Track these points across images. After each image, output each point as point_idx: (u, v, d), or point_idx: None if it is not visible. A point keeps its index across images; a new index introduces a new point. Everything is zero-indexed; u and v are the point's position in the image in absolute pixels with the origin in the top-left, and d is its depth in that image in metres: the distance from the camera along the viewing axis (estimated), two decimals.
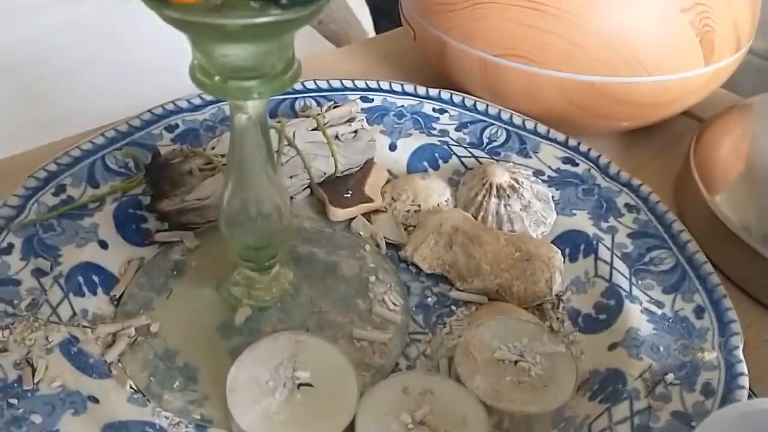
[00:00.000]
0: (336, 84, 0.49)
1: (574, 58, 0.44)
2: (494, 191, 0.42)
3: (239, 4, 0.25)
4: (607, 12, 0.43)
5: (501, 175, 0.42)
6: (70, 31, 0.74)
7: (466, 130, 0.48)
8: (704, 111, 0.53)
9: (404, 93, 0.49)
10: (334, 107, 0.45)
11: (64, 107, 0.66)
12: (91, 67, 0.67)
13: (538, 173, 0.45)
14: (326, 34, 0.87)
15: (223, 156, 0.40)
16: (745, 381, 0.32)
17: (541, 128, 0.47)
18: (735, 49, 0.46)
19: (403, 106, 0.49)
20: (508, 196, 0.42)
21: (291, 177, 0.41)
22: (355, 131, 0.44)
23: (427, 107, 0.49)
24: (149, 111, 0.45)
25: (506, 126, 0.47)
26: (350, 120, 0.44)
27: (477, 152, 0.46)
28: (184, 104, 0.46)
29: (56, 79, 0.68)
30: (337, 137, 0.43)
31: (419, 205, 0.43)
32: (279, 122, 0.42)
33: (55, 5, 0.77)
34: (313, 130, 0.43)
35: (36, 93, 0.68)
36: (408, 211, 0.43)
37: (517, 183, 0.42)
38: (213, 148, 0.41)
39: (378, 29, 1.34)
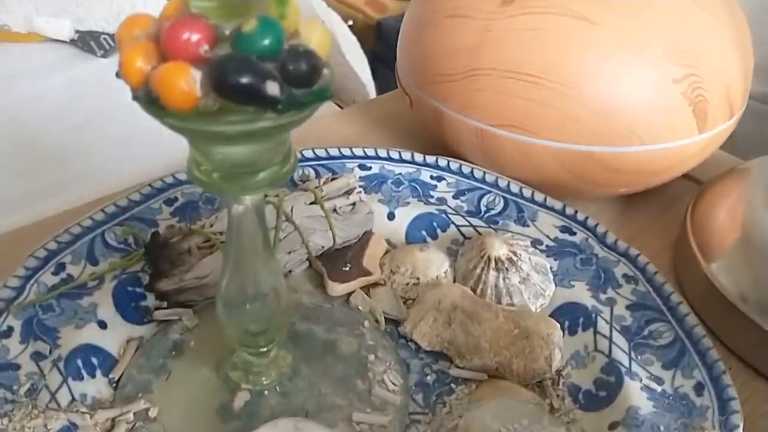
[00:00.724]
0: (334, 152, 0.50)
1: (569, 128, 0.45)
2: (492, 264, 0.42)
3: (235, 109, 0.25)
4: (601, 84, 0.43)
5: (499, 248, 0.42)
6: (74, 91, 0.75)
7: (463, 198, 0.48)
8: (703, 173, 0.53)
9: (402, 160, 0.50)
10: (332, 179, 0.45)
11: (69, 166, 0.67)
12: (95, 127, 0.68)
13: (536, 243, 0.45)
14: None
15: (221, 233, 0.41)
16: None
17: (539, 196, 0.47)
18: (728, 116, 0.47)
19: (401, 173, 0.49)
20: (507, 269, 0.42)
21: (289, 252, 0.42)
22: (353, 203, 0.44)
23: (425, 174, 0.49)
24: (149, 185, 0.46)
25: (504, 194, 0.48)
26: (348, 192, 0.44)
27: (475, 221, 0.47)
28: (183, 176, 0.47)
29: (62, 138, 0.69)
30: (335, 210, 0.43)
31: (418, 278, 0.43)
32: (277, 196, 0.43)
33: (59, 66, 0.78)
34: (311, 203, 0.43)
35: (42, 151, 0.68)
36: (407, 284, 0.43)
37: (515, 255, 0.42)
38: (211, 225, 0.41)
39: (376, 76, 1.35)
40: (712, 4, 0.47)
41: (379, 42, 1.49)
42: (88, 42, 0.80)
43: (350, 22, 1.67)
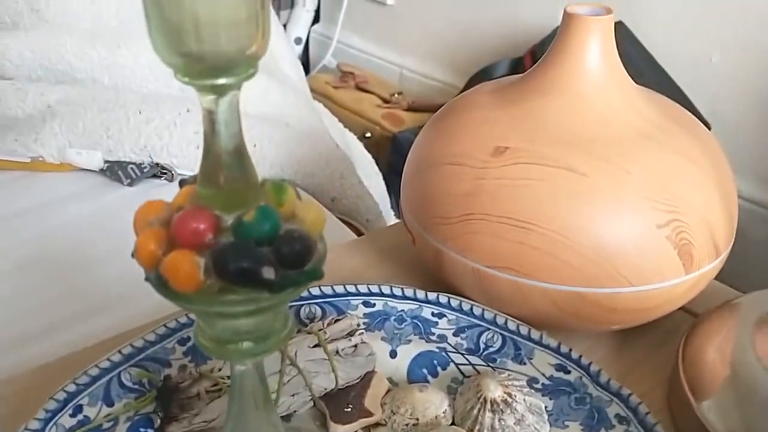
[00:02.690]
0: (340, 290, 0.52)
1: (560, 271, 0.47)
2: (488, 405, 0.44)
3: (236, 290, 0.28)
4: (590, 230, 0.46)
5: (494, 390, 0.44)
6: (101, 220, 0.79)
7: (463, 335, 0.50)
8: (698, 305, 0.55)
9: (404, 297, 0.52)
10: (335, 321, 0.47)
11: (92, 296, 0.70)
12: (119, 257, 0.72)
13: (532, 381, 0.46)
14: (340, 210, 0.92)
15: (228, 377, 0.43)
16: None
17: (535, 334, 0.49)
18: (714, 257, 0.49)
19: (403, 310, 0.52)
20: (502, 410, 0.43)
21: (293, 395, 0.44)
22: (355, 345, 0.46)
23: (427, 311, 0.52)
24: (164, 325, 0.49)
25: (502, 331, 0.50)
26: (350, 333, 0.47)
27: (474, 359, 0.49)
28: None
29: (86, 269, 0.73)
30: (337, 352, 0.46)
31: (417, 419, 0.44)
32: None
33: (87, 195, 0.83)
34: (314, 346, 0.45)
35: (67, 283, 0.72)
36: (407, 425, 0.44)
37: (511, 397, 0.44)
38: (219, 369, 0.44)
39: (391, 188, 1.40)
40: (694, 152, 0.50)
41: (395, 154, 1.54)
42: (116, 171, 0.85)
43: (368, 134, 1.74)
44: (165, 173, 0.86)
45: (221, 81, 0.26)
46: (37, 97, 0.88)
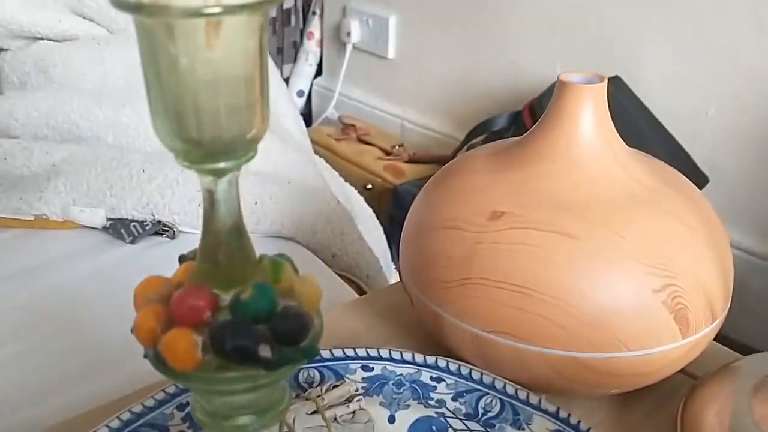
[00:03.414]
0: (339, 354, 0.53)
1: (558, 336, 0.47)
2: None
3: (233, 367, 0.28)
4: (586, 295, 0.47)
5: None
6: (103, 278, 0.80)
7: (462, 400, 0.50)
8: (698, 367, 0.55)
9: (403, 361, 0.52)
10: (333, 387, 0.48)
11: (92, 356, 0.70)
12: (121, 316, 0.72)
13: None
14: (341, 266, 0.92)
15: None
16: None
17: (533, 399, 0.49)
18: (710, 321, 0.49)
19: (402, 374, 0.52)
20: None
21: None
22: (353, 412, 0.47)
23: (425, 375, 0.52)
24: (163, 390, 0.49)
25: (500, 395, 0.50)
26: (348, 400, 0.47)
27: (472, 424, 0.49)
28: None
29: (87, 328, 0.73)
30: (335, 419, 0.46)
31: None
32: None
33: (90, 252, 0.84)
34: (312, 413, 0.45)
35: (67, 343, 0.72)
36: None
37: None
38: None
39: (392, 240, 1.41)
40: (688, 215, 0.50)
41: (396, 207, 1.56)
42: (118, 229, 0.86)
43: (369, 186, 1.75)
44: (167, 230, 0.87)
45: (221, 165, 0.27)
46: (43, 156, 0.90)
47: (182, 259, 0.32)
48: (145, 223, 0.86)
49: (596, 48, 1.56)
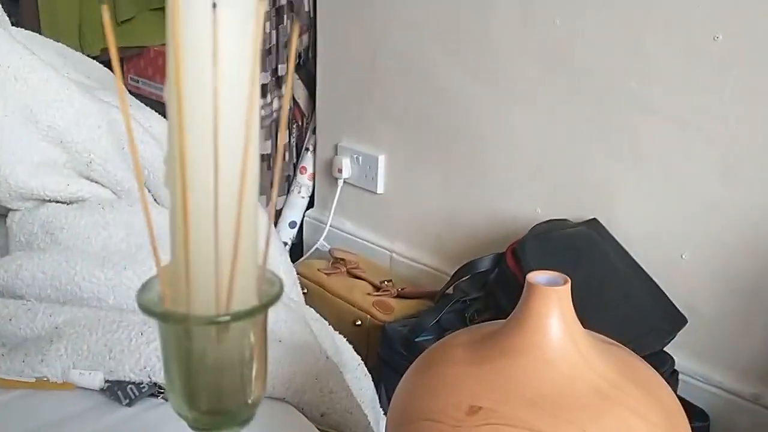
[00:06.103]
0: None
1: None
2: None
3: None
4: None
5: None
6: None
7: None
8: None
9: None
10: None
11: None
12: None
13: None
14: (329, 424, 0.95)
15: None
16: None
17: None
18: None
19: None
20: None
21: None
22: None
23: None
24: None
25: None
26: None
27: None
28: None
29: None
30: None
31: None
32: None
33: (87, 417, 0.86)
34: None
35: None
36: None
37: None
38: None
39: (381, 378, 1.43)
40: (648, 411, 0.55)
41: (384, 347, 1.59)
42: (115, 392, 0.89)
43: (359, 322, 1.79)
44: (162, 392, 0.90)
45: (225, 430, 0.32)
46: (46, 318, 0.94)
47: None
48: (141, 386, 0.89)
49: (574, 193, 1.65)
